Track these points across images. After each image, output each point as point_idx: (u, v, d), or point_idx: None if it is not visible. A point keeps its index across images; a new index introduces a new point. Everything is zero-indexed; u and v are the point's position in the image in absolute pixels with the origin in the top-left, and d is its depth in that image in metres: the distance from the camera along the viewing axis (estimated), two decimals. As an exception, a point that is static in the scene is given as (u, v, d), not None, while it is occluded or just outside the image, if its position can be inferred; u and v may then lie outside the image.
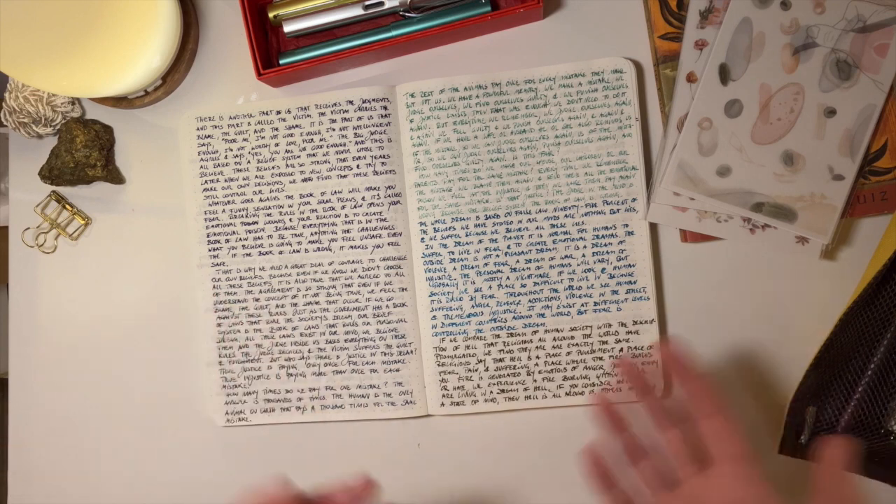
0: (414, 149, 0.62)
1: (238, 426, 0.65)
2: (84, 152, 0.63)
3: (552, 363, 0.61)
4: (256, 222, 0.64)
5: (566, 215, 0.61)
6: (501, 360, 0.62)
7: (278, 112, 0.63)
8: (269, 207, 0.64)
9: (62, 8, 0.51)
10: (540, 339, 0.61)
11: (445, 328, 0.62)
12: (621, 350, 0.61)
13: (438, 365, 0.62)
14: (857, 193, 0.59)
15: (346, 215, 0.63)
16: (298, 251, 0.64)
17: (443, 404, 0.62)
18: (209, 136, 0.64)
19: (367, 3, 0.61)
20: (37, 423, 0.67)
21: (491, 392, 0.62)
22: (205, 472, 0.66)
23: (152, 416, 0.66)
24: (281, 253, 0.64)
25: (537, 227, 0.61)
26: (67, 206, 0.67)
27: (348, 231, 0.63)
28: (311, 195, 0.63)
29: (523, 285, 0.61)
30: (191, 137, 0.64)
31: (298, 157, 0.63)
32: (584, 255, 0.61)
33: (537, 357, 0.61)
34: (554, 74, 0.61)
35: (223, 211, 0.64)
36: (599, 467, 0.50)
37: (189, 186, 0.65)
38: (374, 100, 0.62)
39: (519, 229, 0.61)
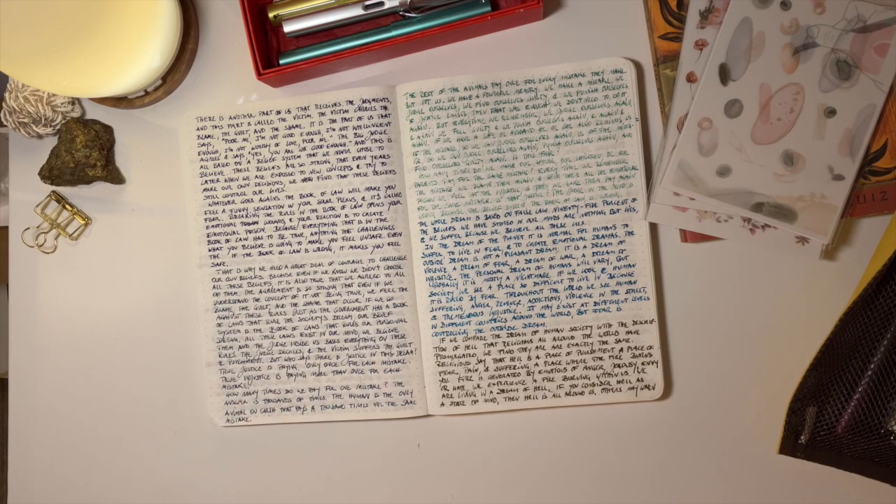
0: (414, 149, 0.62)
1: (238, 426, 0.65)
2: (84, 152, 0.63)
3: (552, 363, 0.61)
4: (256, 222, 0.64)
5: (566, 215, 0.61)
6: (501, 360, 0.62)
7: (278, 112, 0.63)
8: (269, 207, 0.64)
9: (62, 8, 0.51)
10: (540, 339, 0.61)
11: (445, 328, 0.62)
12: (621, 350, 0.61)
13: (438, 365, 0.62)
14: (857, 193, 0.59)
15: (346, 215, 0.63)
16: (298, 251, 0.64)
17: (443, 404, 0.62)
18: (209, 136, 0.64)
19: (367, 3, 0.61)
20: (37, 423, 0.67)
21: (491, 392, 0.62)
22: (205, 472, 0.66)
23: (152, 415, 0.66)
24: (281, 253, 0.64)
25: (537, 227, 0.61)
26: (67, 206, 0.67)
27: (348, 231, 0.63)
28: (311, 195, 0.63)
29: (523, 285, 0.61)
30: (191, 137, 0.64)
31: (298, 157, 0.63)
32: (584, 255, 0.61)
33: (537, 357, 0.61)
34: (554, 74, 0.61)
35: (223, 211, 0.64)
36: None
37: (189, 186, 0.65)
38: (374, 100, 0.62)
39: (519, 229, 0.61)
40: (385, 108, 0.62)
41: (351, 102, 0.62)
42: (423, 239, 0.62)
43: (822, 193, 0.58)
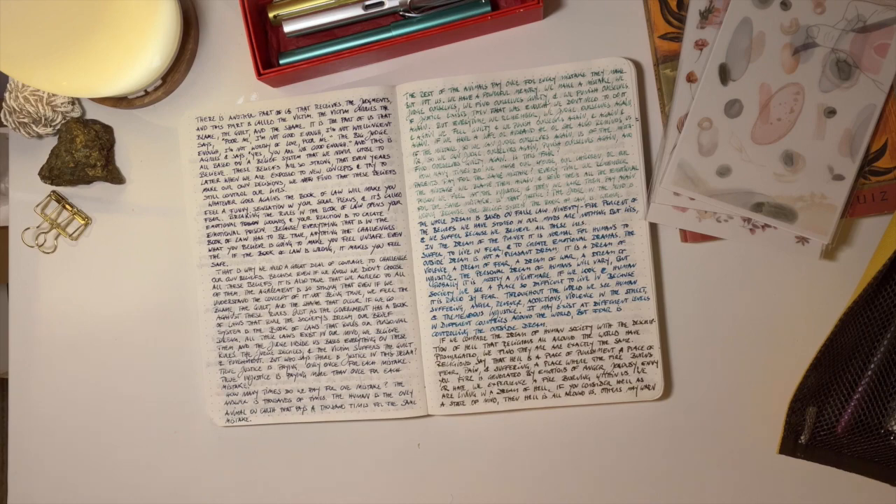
0: (414, 149, 0.62)
1: (238, 426, 0.65)
2: (84, 152, 0.63)
3: (552, 363, 0.61)
4: (256, 222, 0.64)
5: (566, 215, 0.61)
6: (501, 360, 0.62)
7: (278, 112, 0.63)
8: (269, 207, 0.64)
9: (62, 8, 0.51)
10: (540, 339, 0.61)
11: (445, 328, 0.62)
12: (621, 350, 0.61)
13: (438, 365, 0.62)
14: (857, 193, 0.59)
15: (346, 215, 0.63)
16: (298, 251, 0.64)
17: (443, 404, 0.62)
18: (209, 136, 0.64)
19: (367, 3, 0.61)
20: (37, 423, 0.67)
21: (491, 392, 0.62)
22: (205, 472, 0.66)
23: (152, 416, 0.66)
24: (281, 253, 0.64)
25: (537, 227, 0.61)
26: (67, 206, 0.67)
27: (348, 231, 0.63)
28: (311, 195, 0.63)
29: (523, 285, 0.61)
30: (191, 137, 0.64)
31: (298, 157, 0.63)
32: (584, 255, 0.61)
33: (537, 357, 0.61)
34: (554, 74, 0.61)
35: (223, 211, 0.64)
36: None
37: (189, 186, 0.65)
38: (374, 100, 0.62)
39: (519, 229, 0.61)
40: (385, 108, 0.62)
41: (351, 102, 0.62)
42: (423, 239, 0.62)
43: (822, 193, 0.58)
